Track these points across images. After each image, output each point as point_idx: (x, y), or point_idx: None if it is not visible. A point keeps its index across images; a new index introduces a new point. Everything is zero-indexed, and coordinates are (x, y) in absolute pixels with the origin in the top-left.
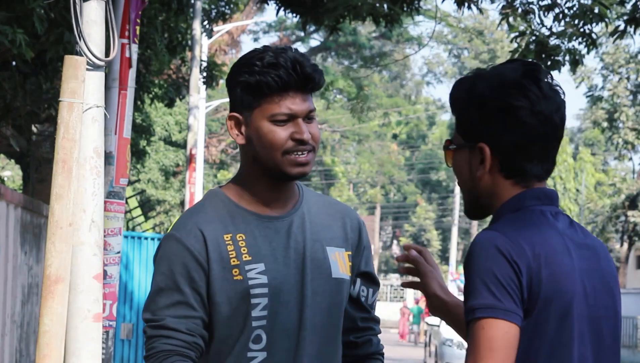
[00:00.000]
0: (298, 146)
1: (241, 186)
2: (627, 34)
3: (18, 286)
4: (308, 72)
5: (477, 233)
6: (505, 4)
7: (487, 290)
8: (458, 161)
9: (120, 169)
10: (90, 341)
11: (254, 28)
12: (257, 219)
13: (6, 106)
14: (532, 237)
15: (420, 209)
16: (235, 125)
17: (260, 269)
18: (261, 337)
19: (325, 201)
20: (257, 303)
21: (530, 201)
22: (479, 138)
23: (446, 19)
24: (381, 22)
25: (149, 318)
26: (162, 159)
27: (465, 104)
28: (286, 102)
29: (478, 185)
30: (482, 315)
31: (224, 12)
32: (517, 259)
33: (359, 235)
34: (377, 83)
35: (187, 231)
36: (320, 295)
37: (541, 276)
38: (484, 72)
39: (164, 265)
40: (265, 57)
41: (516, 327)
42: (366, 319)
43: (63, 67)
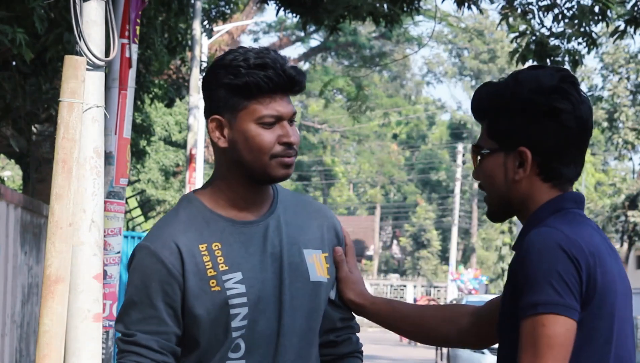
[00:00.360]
0: (286, 149)
1: (216, 191)
2: (627, 34)
3: (18, 286)
4: (293, 74)
5: (534, 230)
6: (504, 4)
7: (551, 286)
8: (490, 165)
9: (120, 169)
10: (90, 341)
11: (254, 28)
12: (232, 225)
13: (6, 106)
14: (585, 236)
15: (420, 209)
16: (217, 128)
17: (237, 278)
18: (240, 346)
19: (301, 201)
20: (237, 313)
21: (569, 203)
22: (519, 141)
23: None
24: (381, 22)
25: (121, 331)
26: (162, 159)
27: (504, 109)
28: (274, 104)
29: (513, 189)
30: (544, 310)
31: (224, 12)
32: (577, 256)
33: (335, 235)
34: (377, 83)
35: (161, 243)
36: (299, 299)
37: (597, 274)
38: (519, 77)
39: (137, 278)
40: (249, 58)
41: (575, 324)
42: (345, 319)
43: (63, 67)
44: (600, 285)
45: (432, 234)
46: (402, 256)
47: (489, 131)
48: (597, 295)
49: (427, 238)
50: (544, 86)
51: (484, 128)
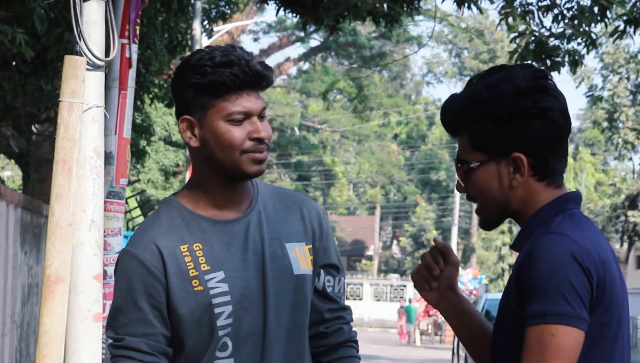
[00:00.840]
0: (257, 145)
1: (195, 192)
2: (627, 34)
3: (18, 286)
4: (259, 70)
5: (545, 236)
6: (504, 4)
7: (563, 297)
8: (482, 178)
9: (120, 169)
10: (90, 341)
11: (254, 28)
12: (213, 225)
13: (6, 106)
14: (595, 242)
15: (420, 209)
16: (187, 128)
17: (220, 277)
18: (227, 344)
19: (281, 194)
20: (221, 312)
21: (569, 204)
22: (511, 148)
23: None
24: (381, 22)
25: (111, 336)
26: (162, 159)
27: (488, 118)
28: (241, 100)
29: (511, 195)
30: (554, 321)
31: (224, 12)
32: (588, 265)
33: (319, 224)
34: (377, 83)
35: (142, 247)
36: (284, 294)
37: (606, 281)
38: (492, 83)
39: (122, 282)
40: (215, 57)
41: (584, 334)
42: (333, 310)
43: (63, 67)
44: (609, 293)
45: (432, 234)
46: (402, 256)
47: (474, 143)
48: (604, 302)
49: (427, 238)
50: (523, 88)
51: (464, 142)
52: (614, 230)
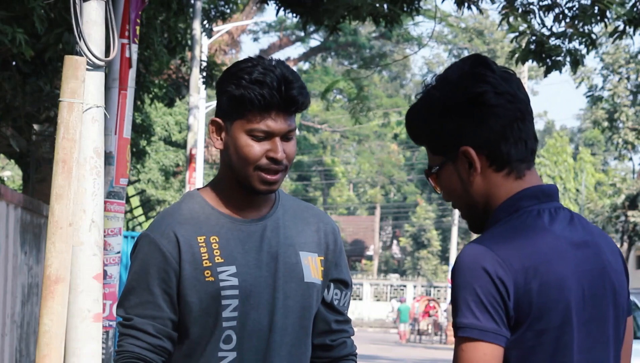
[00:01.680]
0: (271, 164)
1: (218, 190)
2: (627, 34)
3: (18, 286)
4: (293, 95)
5: (465, 246)
6: (505, 4)
7: (468, 309)
8: (446, 180)
9: (120, 169)
10: (90, 341)
11: (254, 28)
12: (232, 222)
13: (6, 106)
14: (523, 248)
15: (420, 209)
16: (216, 130)
17: (231, 271)
18: (231, 337)
19: (301, 206)
20: (228, 304)
21: (527, 201)
22: (457, 144)
23: (446, 19)
24: (381, 23)
25: (121, 315)
26: (162, 159)
27: (431, 120)
28: (266, 120)
29: (473, 192)
30: (462, 334)
31: (223, 12)
32: (503, 277)
33: (333, 239)
34: (377, 83)
35: (160, 232)
36: (292, 298)
37: (531, 289)
38: (430, 87)
39: (137, 264)
40: (253, 72)
41: (498, 348)
42: (340, 322)
43: (63, 67)
44: (539, 300)
45: (432, 234)
46: (402, 256)
47: (432, 148)
48: (534, 311)
49: (427, 238)
50: (454, 80)
51: (427, 149)
52: (614, 230)
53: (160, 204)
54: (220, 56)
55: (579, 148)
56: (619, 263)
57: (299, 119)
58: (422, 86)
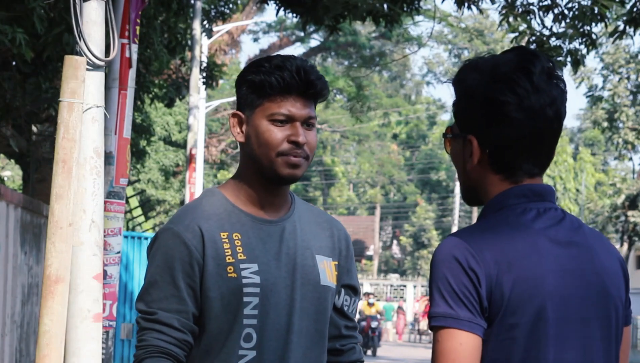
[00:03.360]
0: (293, 148)
1: (238, 187)
2: (627, 34)
3: (18, 286)
4: (311, 79)
5: (444, 239)
6: (505, 4)
7: (442, 298)
8: (454, 150)
9: (120, 169)
10: (90, 341)
11: (254, 28)
12: (252, 220)
13: (6, 106)
14: (498, 242)
15: (420, 209)
16: (237, 123)
17: (254, 269)
18: (252, 336)
19: (314, 211)
20: (249, 301)
21: (515, 199)
22: (468, 129)
23: (446, 19)
24: (381, 23)
25: (142, 309)
26: (162, 159)
27: (457, 94)
28: (287, 104)
29: (469, 175)
30: (436, 323)
31: (223, 12)
32: (475, 267)
33: (346, 245)
34: (377, 83)
35: (185, 226)
36: (308, 300)
37: (503, 282)
38: (479, 63)
39: (160, 258)
40: (273, 60)
41: (474, 337)
42: (349, 327)
43: (63, 67)
44: (511, 294)
45: (432, 234)
46: (402, 256)
47: (454, 114)
48: (505, 306)
49: (427, 238)
50: (495, 74)
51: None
52: (614, 230)
53: (160, 205)
54: (220, 56)
55: (579, 148)
56: (615, 267)
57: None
58: (485, 54)
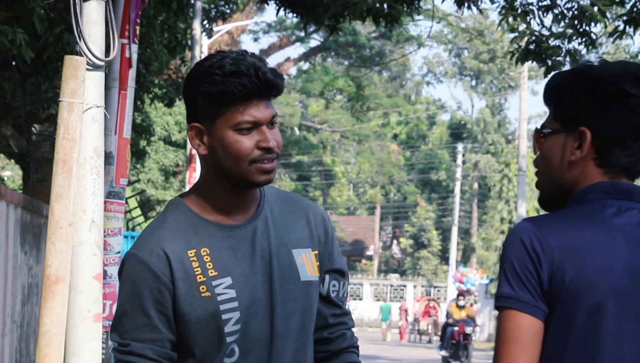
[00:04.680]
0: (264, 154)
1: (202, 196)
2: (627, 34)
3: (18, 286)
4: (270, 79)
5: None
6: (504, 4)
7: (506, 279)
8: (549, 146)
9: (120, 169)
10: (90, 341)
11: (254, 28)
12: (220, 230)
13: (6, 106)
14: (568, 230)
15: (420, 209)
16: (196, 135)
17: (227, 283)
18: (234, 350)
19: (287, 199)
20: (229, 318)
21: (596, 194)
22: (581, 121)
23: (446, 18)
24: (381, 22)
25: (116, 340)
26: (162, 159)
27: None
28: (250, 110)
29: (566, 170)
30: (499, 304)
31: (223, 12)
32: (538, 250)
33: (324, 229)
34: (377, 83)
35: (149, 251)
36: (292, 300)
37: (565, 269)
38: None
39: (128, 286)
40: (225, 65)
41: (534, 319)
42: (337, 315)
43: (63, 67)
44: (573, 282)
45: (432, 234)
46: (402, 256)
47: (555, 113)
48: (565, 293)
49: (427, 238)
50: (624, 71)
51: (550, 111)
52: None
53: (160, 205)
54: None
55: None
56: None
57: (299, 119)
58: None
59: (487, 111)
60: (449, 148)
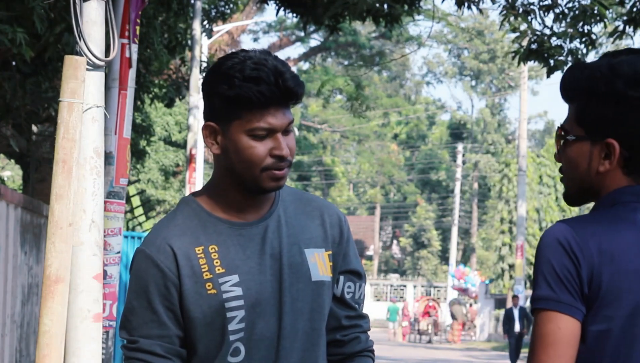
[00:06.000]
0: (277, 162)
1: (214, 195)
2: (627, 34)
3: (18, 286)
4: (290, 86)
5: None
6: (505, 4)
7: (545, 281)
8: (575, 153)
9: (120, 169)
10: (90, 341)
11: (254, 28)
12: (230, 227)
13: (6, 106)
14: (604, 233)
15: (420, 209)
16: (210, 134)
17: (234, 281)
18: (239, 349)
19: (303, 198)
20: (234, 316)
21: (628, 196)
22: (608, 133)
23: (445, 18)
24: (381, 22)
25: (125, 337)
26: (162, 159)
27: (596, 96)
28: (266, 117)
29: (595, 178)
30: (538, 306)
31: (223, 12)
32: (577, 252)
33: (339, 230)
34: (377, 83)
35: (156, 247)
36: (301, 300)
37: (603, 272)
38: (614, 63)
39: (136, 283)
40: (245, 69)
41: (574, 321)
42: (351, 317)
43: (63, 67)
44: (610, 285)
45: (432, 234)
46: (402, 256)
47: (578, 117)
48: (603, 296)
49: (427, 238)
50: (634, 79)
51: (571, 111)
52: None
53: (160, 205)
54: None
55: None
56: None
57: (299, 119)
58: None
59: (487, 111)
60: (449, 148)
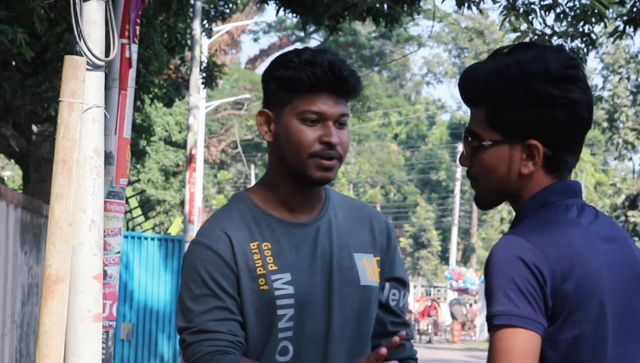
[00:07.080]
0: (326, 149)
1: (267, 190)
2: (627, 34)
3: (18, 286)
4: (344, 75)
5: (501, 238)
6: (506, 4)
7: (505, 296)
8: (492, 158)
9: (120, 169)
10: (90, 341)
11: (254, 28)
12: (284, 226)
13: (6, 106)
14: (556, 239)
15: (420, 209)
16: (264, 121)
17: (286, 279)
18: (288, 349)
19: (352, 204)
20: (284, 314)
21: (556, 196)
22: (528, 133)
23: (446, 18)
24: (381, 22)
25: (185, 326)
26: (162, 159)
27: (510, 98)
28: (318, 102)
29: (515, 181)
30: (499, 322)
31: (223, 12)
32: (539, 265)
33: (387, 238)
34: (377, 83)
35: (215, 237)
36: (349, 304)
37: (568, 279)
38: (521, 61)
39: (195, 272)
40: (303, 55)
41: (535, 335)
42: (396, 323)
43: (63, 67)
44: (577, 290)
45: (432, 234)
46: (402, 256)
47: (491, 121)
48: (571, 302)
49: (427, 238)
50: (554, 74)
51: (481, 116)
52: None
53: (160, 205)
54: (220, 56)
55: None
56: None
57: None
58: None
59: None
60: (448, 148)
